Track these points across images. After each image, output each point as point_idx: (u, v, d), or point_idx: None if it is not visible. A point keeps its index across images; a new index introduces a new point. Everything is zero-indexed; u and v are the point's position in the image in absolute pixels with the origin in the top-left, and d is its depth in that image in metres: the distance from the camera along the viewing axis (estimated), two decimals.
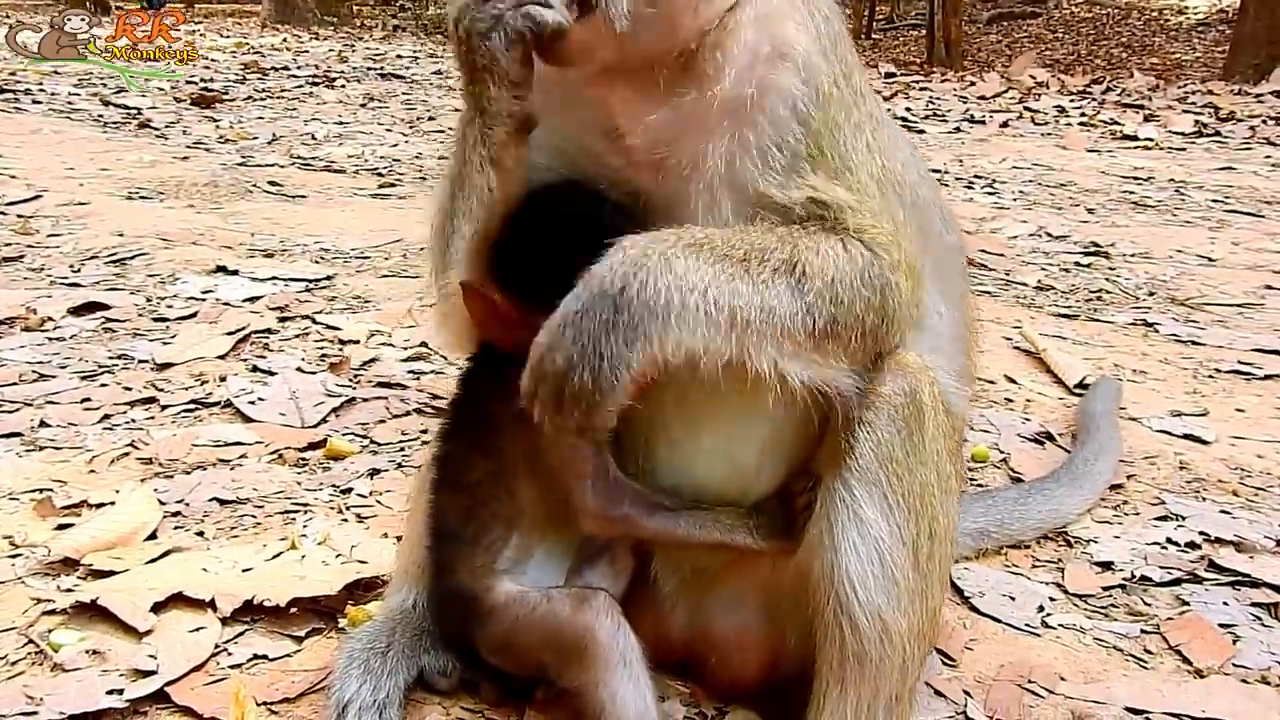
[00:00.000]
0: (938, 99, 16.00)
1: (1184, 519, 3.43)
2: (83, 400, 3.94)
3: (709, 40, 2.03)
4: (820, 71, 2.06)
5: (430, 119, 12.19)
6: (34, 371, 4.18)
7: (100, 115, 10.88)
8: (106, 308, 4.93)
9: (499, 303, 2.14)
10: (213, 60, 16.86)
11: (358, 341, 4.68)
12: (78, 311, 4.88)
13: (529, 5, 1.89)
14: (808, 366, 1.98)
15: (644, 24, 1.93)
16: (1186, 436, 4.12)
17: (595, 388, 1.85)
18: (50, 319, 4.75)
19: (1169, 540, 3.30)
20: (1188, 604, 2.98)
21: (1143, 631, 2.85)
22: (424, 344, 4.62)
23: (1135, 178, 10.08)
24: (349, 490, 3.38)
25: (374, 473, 3.51)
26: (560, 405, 1.88)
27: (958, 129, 13.15)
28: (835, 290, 1.96)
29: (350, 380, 4.27)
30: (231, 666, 2.50)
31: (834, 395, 2.05)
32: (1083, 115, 14.38)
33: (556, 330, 1.89)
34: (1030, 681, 2.59)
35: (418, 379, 4.30)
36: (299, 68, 16.53)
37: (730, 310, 1.90)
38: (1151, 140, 12.41)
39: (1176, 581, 3.09)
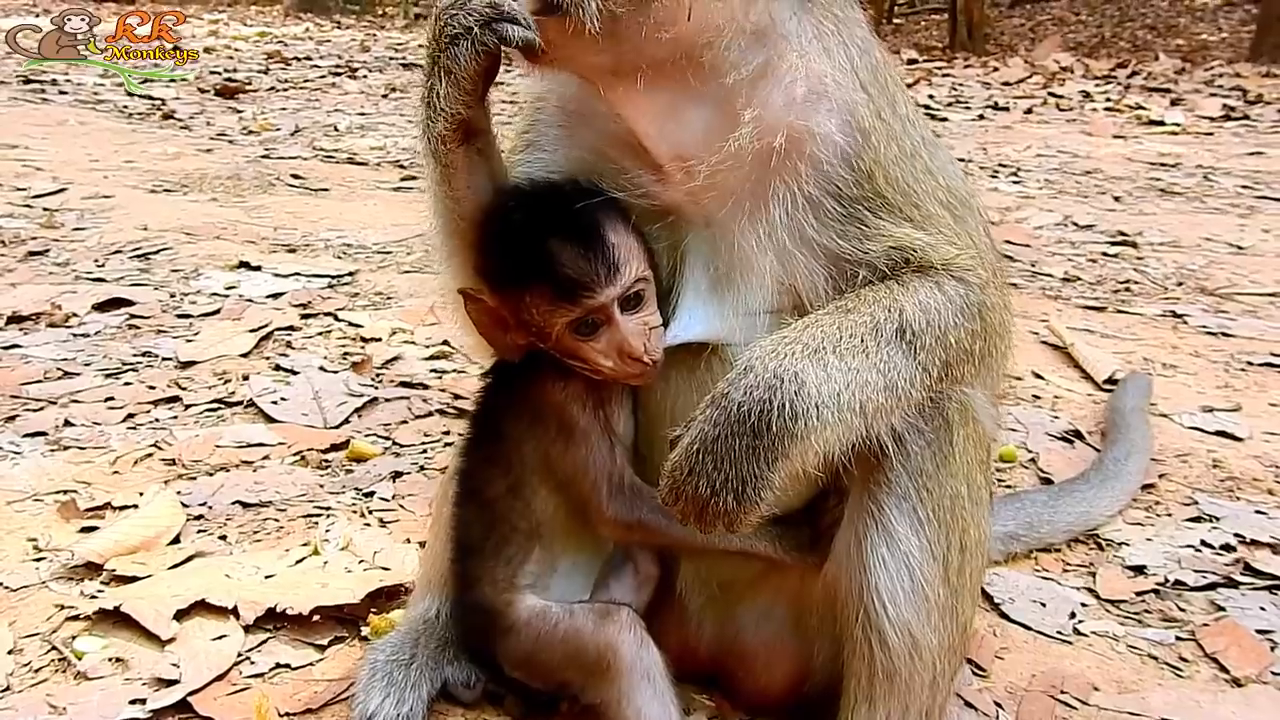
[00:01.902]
0: (960, 85, 15.84)
1: (1218, 520, 3.38)
2: (106, 399, 3.95)
3: (740, 75, 1.99)
4: (860, 106, 2.02)
5: None
6: (59, 369, 4.19)
7: (125, 106, 10.91)
8: (130, 304, 4.94)
9: (492, 306, 2.13)
10: (236, 50, 16.87)
11: (380, 339, 4.66)
12: (102, 307, 4.89)
13: (498, 21, 1.91)
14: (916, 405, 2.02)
15: (624, 24, 1.89)
16: (1219, 433, 4.05)
17: (740, 508, 1.88)
18: (75, 315, 4.76)
19: (1203, 542, 3.25)
20: (1224, 609, 2.93)
21: (1178, 639, 2.80)
22: (446, 343, 4.60)
23: (1162, 164, 9.95)
24: (371, 494, 3.37)
25: (396, 475, 3.49)
26: (703, 519, 1.91)
27: (981, 116, 13.01)
28: (943, 337, 1.99)
29: (373, 380, 4.25)
30: (254, 676, 2.50)
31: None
32: (1108, 100, 14.19)
33: (695, 455, 1.89)
34: (1063, 692, 2.55)
35: (440, 378, 4.29)
36: (321, 58, 16.53)
37: (860, 404, 1.92)
38: (1178, 125, 12.23)
39: (1212, 586, 3.04)
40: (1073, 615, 2.88)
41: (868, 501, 2.06)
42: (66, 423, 3.74)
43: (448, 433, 3.79)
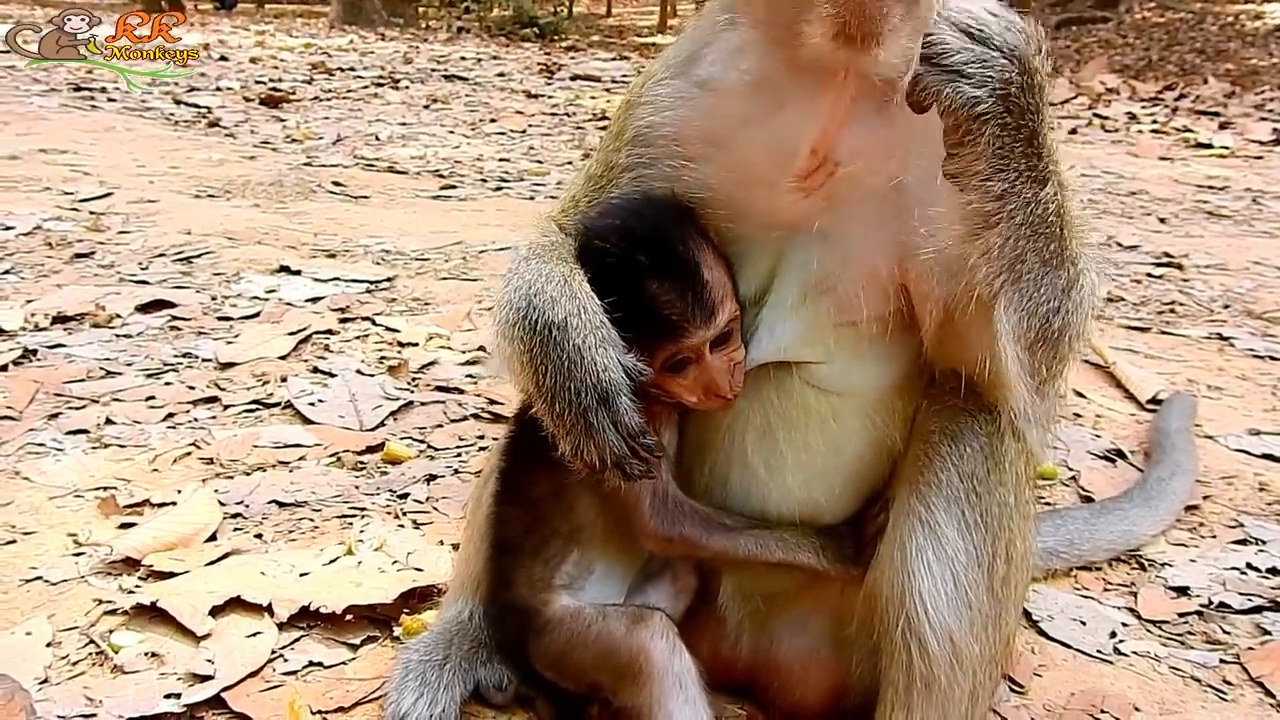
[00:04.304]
0: None
1: (1264, 543, 3.32)
2: (147, 398, 3.98)
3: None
4: None
5: (492, 121, 12.23)
6: (101, 368, 4.23)
7: (171, 114, 11.05)
8: (173, 305, 4.99)
9: None
10: (281, 60, 17.07)
11: (417, 344, 4.68)
12: (145, 309, 4.94)
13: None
14: (1009, 355, 1.90)
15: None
16: (1265, 456, 3.98)
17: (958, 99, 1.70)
18: (118, 315, 4.81)
19: (1249, 565, 3.19)
20: (1270, 633, 2.87)
21: (1222, 661, 2.75)
22: (482, 348, 4.61)
23: (1210, 186, 9.83)
24: (405, 495, 3.37)
25: (430, 478, 3.50)
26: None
27: None
28: (1082, 306, 1.91)
29: (409, 383, 4.27)
30: (287, 673, 2.50)
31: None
32: (1155, 122, 14.06)
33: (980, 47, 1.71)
34: (1103, 712, 2.51)
35: (475, 383, 4.29)
36: (365, 68, 16.68)
37: (1026, 250, 1.81)
38: (1227, 148, 12.09)
39: (1257, 609, 2.98)
40: (1113, 635, 2.83)
41: (916, 502, 2.02)
42: (108, 421, 3.78)
43: (482, 437, 3.79)
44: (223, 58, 16.48)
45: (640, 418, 1.94)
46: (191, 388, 4.09)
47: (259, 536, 3.11)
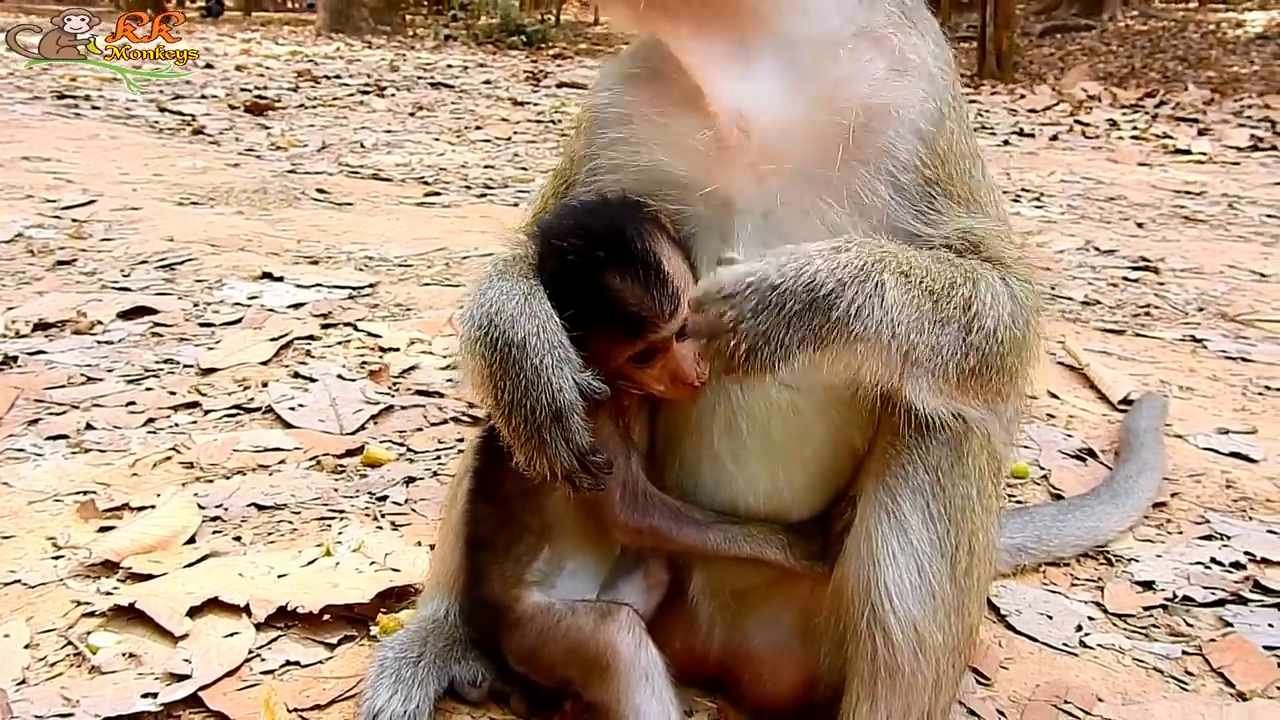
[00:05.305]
0: (987, 111, 15.85)
1: (1229, 538, 3.37)
2: (128, 404, 4.00)
3: (815, 42, 2.01)
4: (937, 93, 2.04)
5: (477, 128, 12.28)
6: (82, 374, 4.25)
7: (156, 121, 11.07)
8: (154, 312, 5.01)
9: None
10: (267, 68, 17.09)
11: (398, 349, 4.71)
12: (127, 315, 4.96)
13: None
14: (942, 401, 1.97)
15: None
16: (1233, 454, 4.04)
17: (748, 362, 1.82)
18: (100, 322, 4.83)
19: (1213, 560, 3.24)
20: (1231, 625, 2.92)
21: (1184, 653, 2.80)
22: None
23: (1187, 192, 9.93)
24: (384, 498, 3.40)
25: (409, 480, 3.53)
26: (707, 347, 1.87)
27: (1006, 142, 13.01)
28: (995, 330, 1.94)
29: (389, 388, 4.30)
30: (264, 672, 2.52)
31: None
32: (1135, 129, 14.18)
33: (745, 288, 1.82)
34: (1066, 702, 2.55)
35: (456, 387, 4.32)
36: (351, 76, 16.72)
37: (909, 347, 1.88)
38: (1205, 154, 12.21)
39: (1220, 602, 3.03)
40: (1079, 628, 2.87)
41: (881, 493, 2.05)
42: (88, 426, 3.80)
43: (461, 439, 3.82)
44: (208, 65, 16.49)
45: (591, 437, 2.01)
46: (172, 393, 4.11)
47: (238, 539, 3.13)
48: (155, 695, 2.41)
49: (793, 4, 2.01)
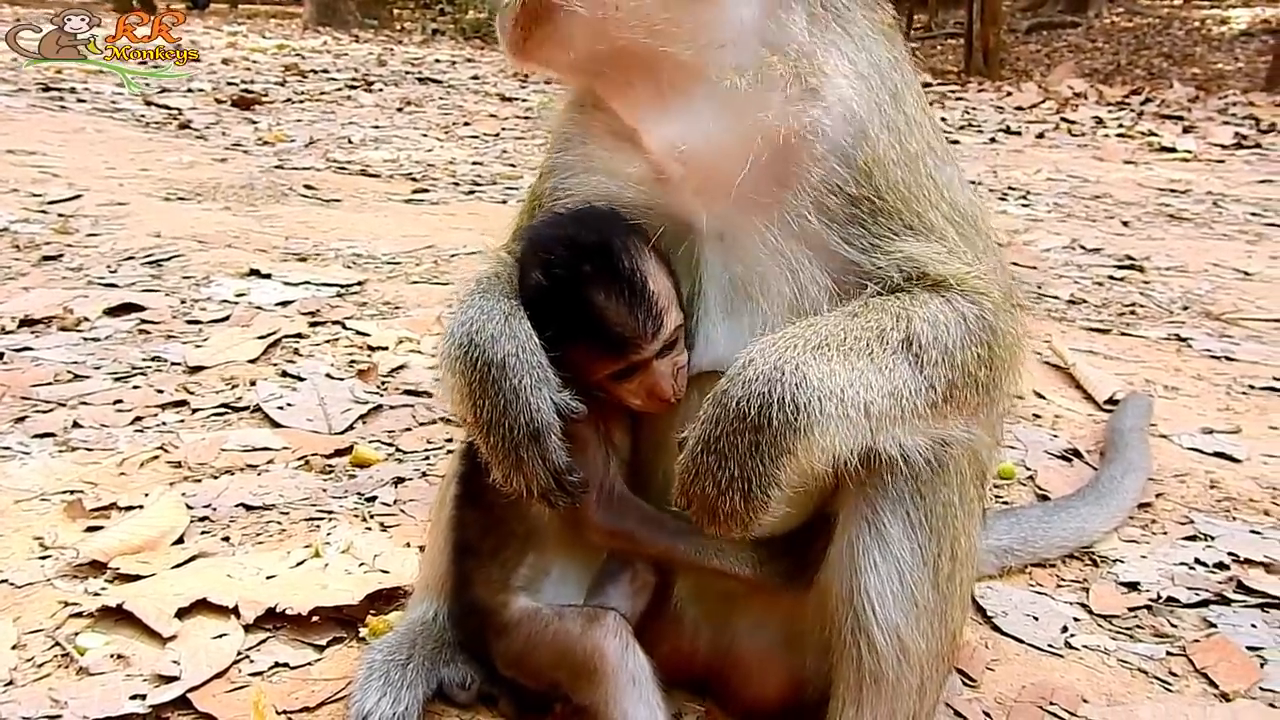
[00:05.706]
0: (974, 109, 15.90)
1: (1213, 539, 3.40)
2: (115, 402, 3.99)
3: (723, 60, 2.03)
4: (855, 100, 2.03)
5: (465, 124, 12.26)
6: (69, 372, 4.23)
7: (142, 115, 11.00)
8: (141, 309, 4.99)
9: None
10: (254, 62, 17.00)
11: (387, 348, 4.71)
12: (113, 312, 4.94)
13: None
14: (923, 434, 2.01)
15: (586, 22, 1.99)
16: (1218, 454, 4.07)
17: (747, 507, 1.91)
18: (86, 319, 4.81)
19: (1197, 560, 3.27)
20: (1215, 626, 2.95)
21: (1168, 653, 2.82)
22: None
23: (1172, 190, 9.98)
24: (373, 498, 3.41)
25: (398, 481, 3.53)
26: (714, 519, 1.95)
27: (993, 139, 13.06)
28: (950, 355, 1.98)
29: (378, 387, 4.30)
30: (253, 674, 2.53)
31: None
32: (1120, 126, 14.23)
33: (699, 455, 1.93)
34: (1052, 703, 2.57)
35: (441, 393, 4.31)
36: (338, 71, 16.65)
37: (865, 405, 1.92)
38: (1190, 152, 12.28)
39: (1204, 603, 3.06)
40: (1065, 629, 2.90)
41: (862, 503, 2.07)
42: (75, 424, 3.79)
43: (450, 440, 3.82)
44: (176, 48, 16.36)
45: (568, 456, 2.06)
46: (160, 391, 4.10)
47: (226, 539, 3.13)
48: (144, 697, 2.41)
49: (709, 42, 2.02)
